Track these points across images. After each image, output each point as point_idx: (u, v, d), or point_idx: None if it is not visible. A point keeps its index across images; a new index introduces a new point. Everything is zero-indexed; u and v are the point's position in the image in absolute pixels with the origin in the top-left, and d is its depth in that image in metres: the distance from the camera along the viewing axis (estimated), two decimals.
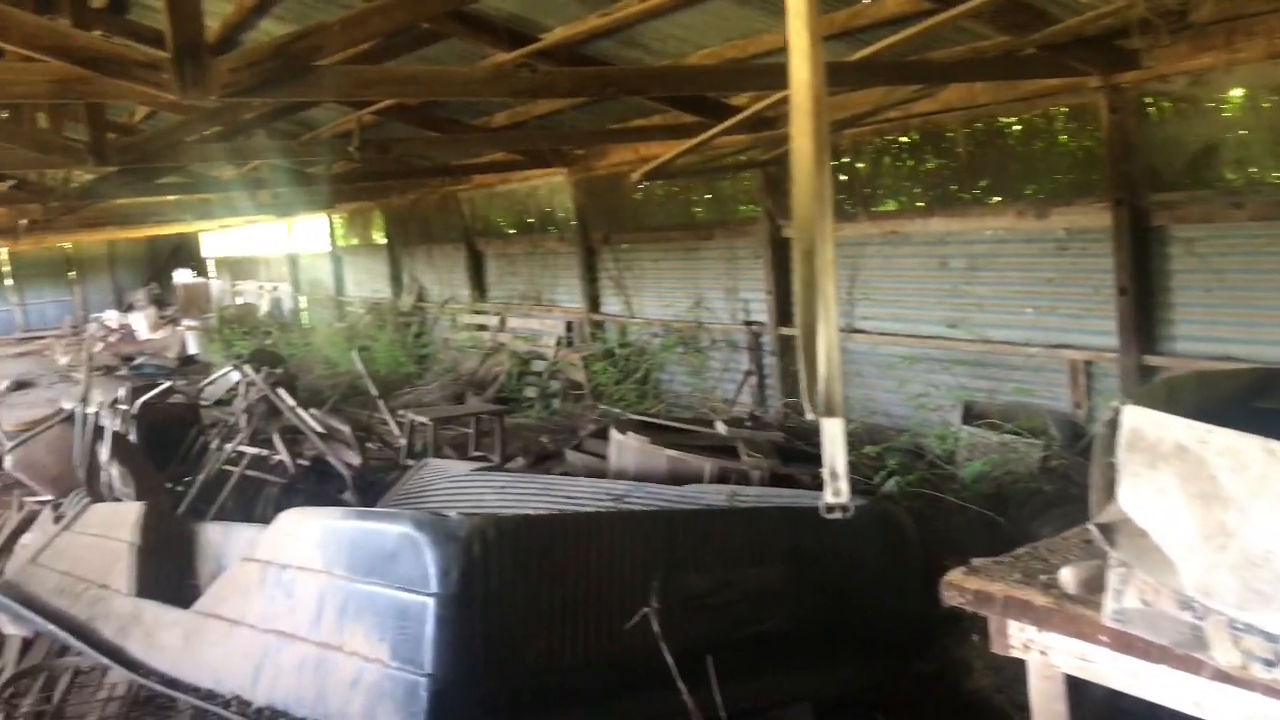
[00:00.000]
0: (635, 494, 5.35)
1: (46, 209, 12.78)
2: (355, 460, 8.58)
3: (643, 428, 7.20)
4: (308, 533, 4.24)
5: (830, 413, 3.12)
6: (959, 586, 3.09)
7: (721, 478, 6.23)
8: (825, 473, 3.10)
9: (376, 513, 4.10)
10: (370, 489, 8.28)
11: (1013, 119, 7.64)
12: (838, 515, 3.16)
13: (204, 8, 4.18)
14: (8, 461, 8.24)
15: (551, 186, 12.88)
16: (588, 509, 5.25)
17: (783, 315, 9.46)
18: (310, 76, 4.60)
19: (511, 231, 14.51)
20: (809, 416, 3.14)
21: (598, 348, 11.81)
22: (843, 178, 8.77)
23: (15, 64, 4.22)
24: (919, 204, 8.41)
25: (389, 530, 3.82)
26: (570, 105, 9.15)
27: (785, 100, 6.84)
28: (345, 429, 8.82)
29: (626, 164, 11.04)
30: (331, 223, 20.29)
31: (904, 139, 8.58)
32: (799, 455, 6.97)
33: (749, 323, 9.89)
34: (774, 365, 9.68)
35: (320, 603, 4.01)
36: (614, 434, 7.13)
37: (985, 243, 7.77)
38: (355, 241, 19.97)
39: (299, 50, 4.42)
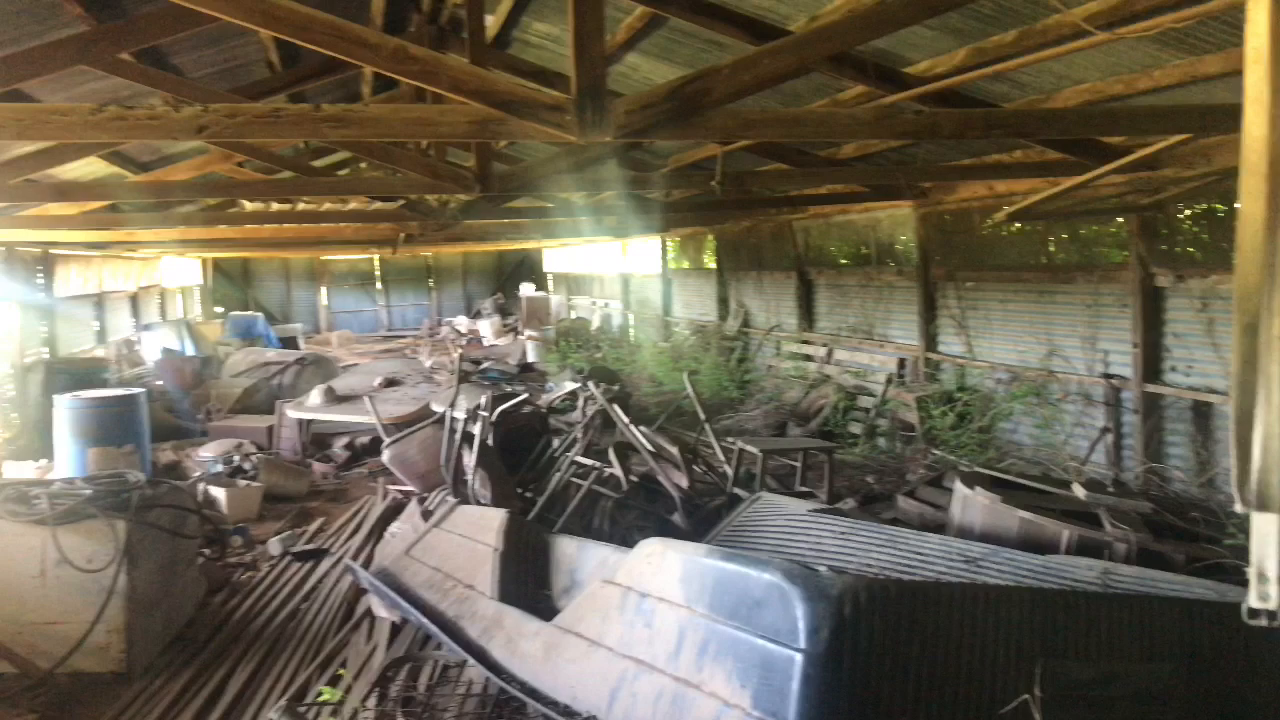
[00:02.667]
0: (992, 559, 5.02)
1: (423, 225, 14.15)
2: (683, 482, 8.73)
3: (989, 483, 6.82)
4: (669, 565, 4.31)
5: (1264, 507, 2.82)
6: None
7: (1082, 548, 5.76)
8: (1251, 573, 2.83)
9: (741, 556, 4.07)
10: (696, 513, 8.41)
11: None
12: (1264, 622, 2.87)
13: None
14: (385, 455, 9.11)
15: (894, 219, 12.58)
16: (938, 570, 5.00)
17: (1149, 371, 8.65)
18: (698, 118, 4.72)
19: (845, 262, 14.32)
20: (1237, 509, 2.87)
21: (933, 389, 11.35)
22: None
23: (442, 106, 4.65)
24: None
25: (756, 576, 3.79)
26: None
27: (1179, 143, 6.30)
28: (674, 450, 9.01)
29: (978, 199, 10.59)
30: (664, 246, 21.05)
31: None
32: (1170, 530, 6.32)
33: (1108, 376, 9.12)
34: (1135, 424, 8.85)
35: (680, 637, 4.05)
36: (959, 487, 6.79)
37: None
38: (686, 265, 20.57)
39: (690, 93, 4.56)
